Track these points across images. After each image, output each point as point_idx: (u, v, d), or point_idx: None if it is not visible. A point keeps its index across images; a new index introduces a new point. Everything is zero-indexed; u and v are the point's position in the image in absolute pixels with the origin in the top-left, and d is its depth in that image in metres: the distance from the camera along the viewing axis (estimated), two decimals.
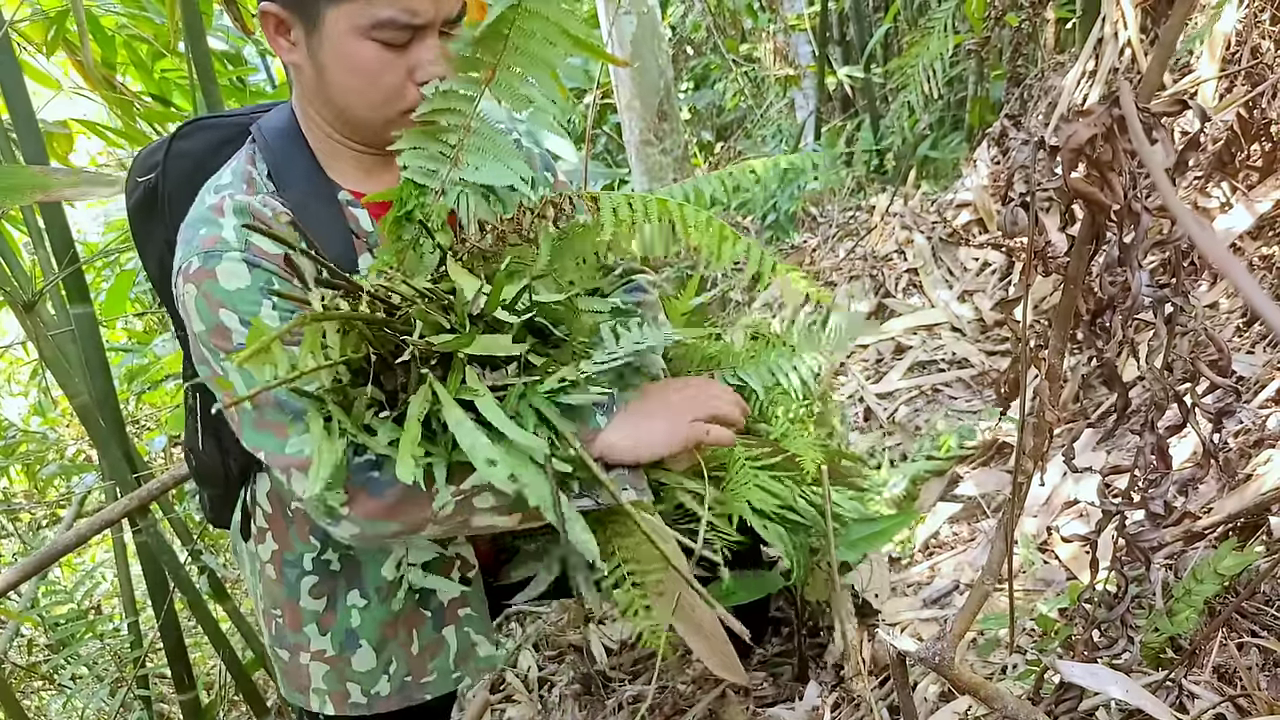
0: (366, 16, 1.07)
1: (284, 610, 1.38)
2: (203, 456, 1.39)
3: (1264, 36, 2.39)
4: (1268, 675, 1.34)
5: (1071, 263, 0.89)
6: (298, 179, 1.20)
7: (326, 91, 1.16)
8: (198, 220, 1.17)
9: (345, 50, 1.09)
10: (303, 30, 1.11)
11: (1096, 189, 0.72)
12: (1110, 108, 0.66)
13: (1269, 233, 2.32)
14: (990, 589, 1.14)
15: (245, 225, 1.08)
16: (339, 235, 1.20)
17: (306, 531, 1.32)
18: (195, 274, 1.12)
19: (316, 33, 1.09)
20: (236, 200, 1.16)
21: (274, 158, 1.21)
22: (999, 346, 3.07)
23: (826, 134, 5.64)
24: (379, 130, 1.19)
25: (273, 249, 1.13)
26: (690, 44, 7.44)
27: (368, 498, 1.15)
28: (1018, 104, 3.86)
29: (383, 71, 1.11)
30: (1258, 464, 1.73)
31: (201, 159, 1.30)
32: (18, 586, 2.38)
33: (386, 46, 1.09)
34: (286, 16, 1.10)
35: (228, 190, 1.18)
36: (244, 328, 1.11)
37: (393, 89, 1.13)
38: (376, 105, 1.15)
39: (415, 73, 1.13)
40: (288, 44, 1.13)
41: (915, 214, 3.90)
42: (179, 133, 1.35)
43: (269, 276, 1.12)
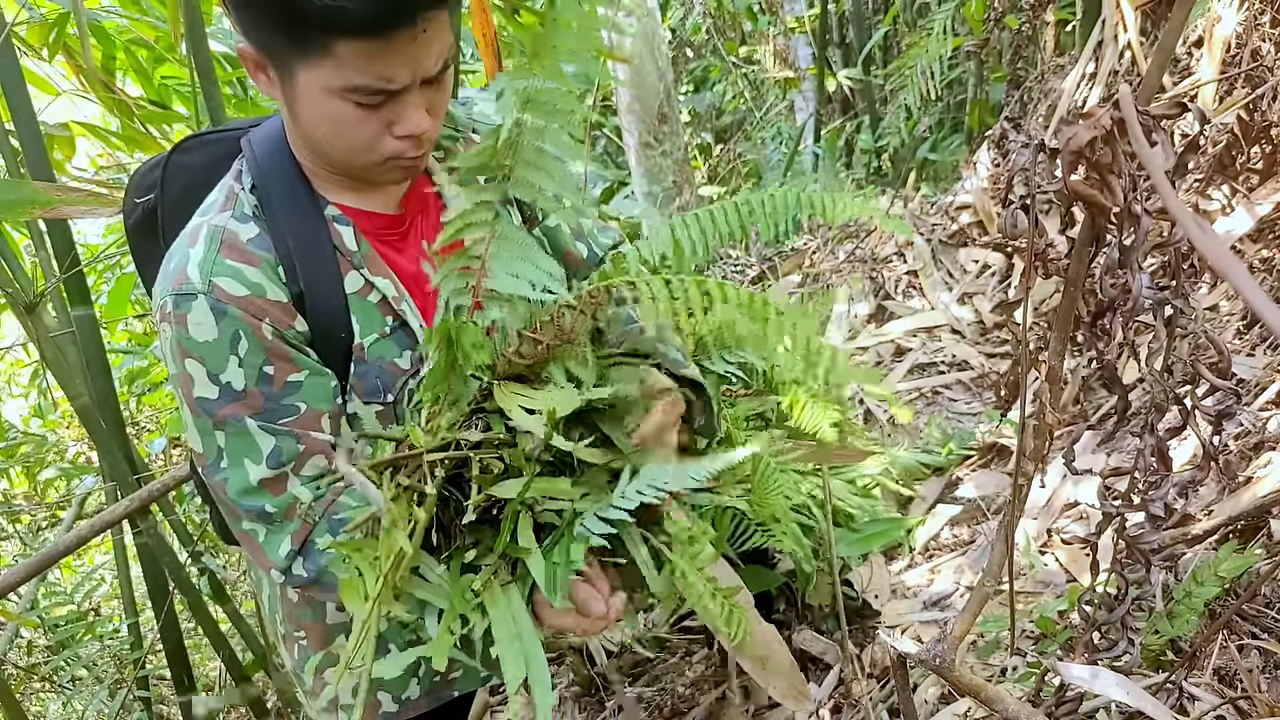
0: (338, 80, 1.03)
1: (309, 632, 1.37)
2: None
3: (1264, 39, 2.39)
4: (1268, 677, 1.34)
5: (1072, 265, 0.89)
6: (282, 194, 1.17)
7: (301, 132, 1.14)
8: (176, 248, 1.15)
9: (319, 105, 1.07)
10: (277, 75, 1.08)
11: (1097, 191, 0.72)
12: (1110, 110, 0.66)
13: (1269, 235, 2.33)
14: (991, 591, 1.14)
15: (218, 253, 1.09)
16: (324, 254, 1.17)
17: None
18: (170, 316, 1.10)
19: (290, 84, 1.07)
20: (212, 225, 1.14)
21: (259, 171, 1.18)
22: (999, 349, 3.07)
23: (826, 136, 5.65)
24: (358, 171, 1.17)
25: (238, 291, 1.11)
26: (690, 46, 7.45)
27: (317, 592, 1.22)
28: (1017, 106, 3.87)
29: (358, 126, 1.08)
30: (1258, 467, 1.73)
31: (200, 174, 1.27)
32: (18, 588, 2.38)
33: (362, 105, 1.06)
34: (261, 59, 1.07)
35: (210, 212, 1.16)
36: (209, 383, 1.10)
37: (369, 141, 1.10)
38: (354, 152, 1.12)
39: (394, 127, 1.10)
40: (266, 81, 1.10)
41: (915, 216, 3.90)
42: (179, 146, 1.32)
43: (236, 329, 1.10)
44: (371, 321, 1.20)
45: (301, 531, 1.16)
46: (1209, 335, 0.83)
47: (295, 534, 1.15)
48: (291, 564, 1.16)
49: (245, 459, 1.12)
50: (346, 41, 0.99)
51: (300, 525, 1.16)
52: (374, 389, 1.21)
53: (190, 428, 1.14)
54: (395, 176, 1.20)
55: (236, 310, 1.09)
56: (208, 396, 1.11)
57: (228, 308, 1.09)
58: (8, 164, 2.14)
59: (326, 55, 1.01)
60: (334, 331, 1.17)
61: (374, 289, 1.20)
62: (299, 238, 1.15)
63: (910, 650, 1.08)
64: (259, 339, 1.11)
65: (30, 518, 4.11)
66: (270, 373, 1.12)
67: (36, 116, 2.04)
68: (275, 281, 1.13)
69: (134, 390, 4.16)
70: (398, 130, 1.09)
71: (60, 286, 2.14)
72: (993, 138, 3.73)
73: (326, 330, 1.16)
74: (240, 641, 2.73)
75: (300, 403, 1.14)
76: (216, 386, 1.10)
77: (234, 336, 1.09)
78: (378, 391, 1.22)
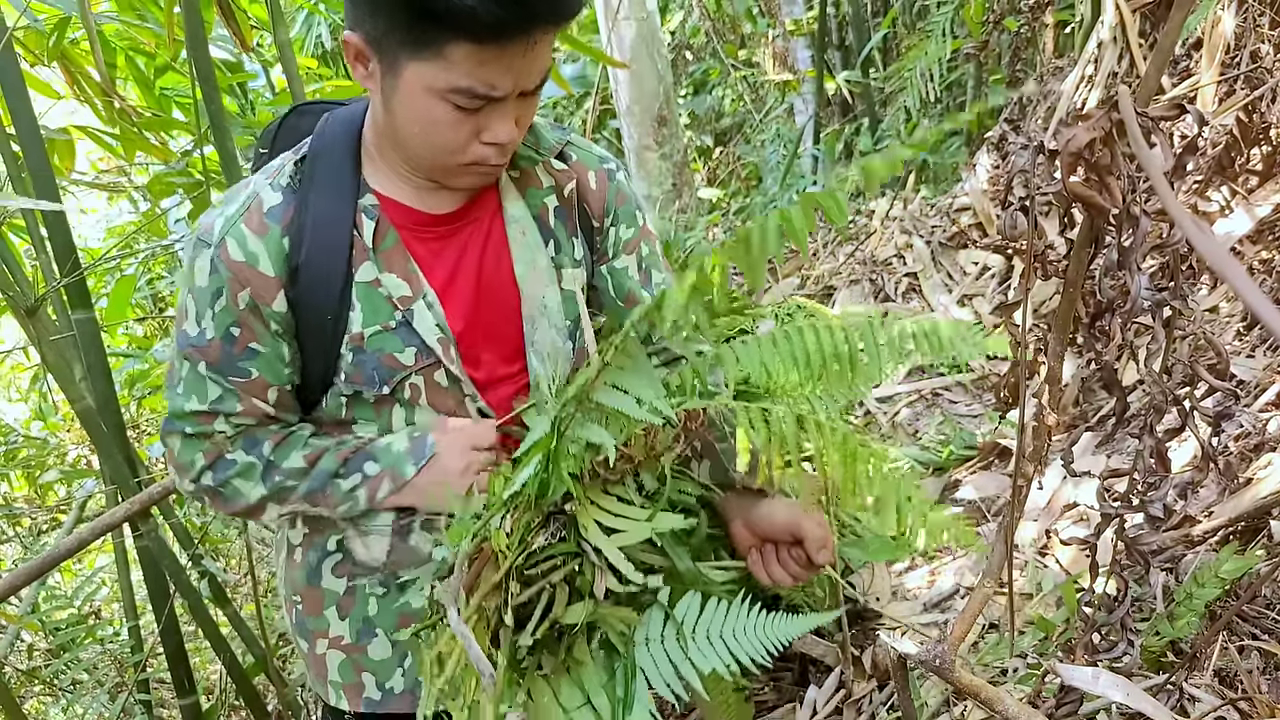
0: (444, 81, 1.06)
1: (304, 596, 1.40)
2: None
3: (1263, 41, 2.40)
4: (1269, 678, 1.34)
5: (1070, 266, 0.89)
6: (326, 173, 1.23)
7: (390, 127, 1.17)
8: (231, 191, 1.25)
9: (417, 103, 1.10)
10: (380, 68, 1.11)
11: (1095, 193, 0.72)
12: (1109, 112, 0.67)
13: (1269, 236, 2.33)
14: (991, 592, 1.14)
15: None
16: (338, 238, 1.20)
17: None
18: (189, 251, 1.21)
19: (392, 77, 1.10)
20: (250, 188, 1.22)
21: (316, 147, 1.24)
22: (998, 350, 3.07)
23: (825, 139, 5.65)
24: (435, 171, 1.21)
25: (236, 255, 1.18)
26: (689, 49, 7.46)
27: (218, 504, 1.32)
28: (1016, 108, 3.87)
29: (451, 129, 1.12)
30: (1257, 468, 1.73)
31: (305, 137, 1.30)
32: (18, 591, 2.38)
33: (460, 109, 1.09)
34: (367, 49, 1.10)
35: (262, 175, 1.24)
36: (193, 319, 1.21)
37: (458, 145, 1.14)
38: (438, 154, 1.16)
39: (483, 134, 1.13)
40: (364, 72, 1.14)
41: (915, 218, 3.90)
42: (296, 109, 1.41)
43: (220, 285, 1.19)
44: (377, 313, 1.23)
45: (213, 451, 1.27)
46: (1207, 336, 0.83)
47: (207, 452, 1.27)
48: (201, 475, 1.28)
49: (192, 393, 1.24)
50: (463, 44, 1.04)
51: (212, 447, 1.27)
52: (370, 379, 1.25)
53: (171, 347, 1.26)
54: (470, 181, 1.23)
55: (227, 272, 1.18)
56: (186, 331, 1.21)
57: (221, 266, 1.18)
58: (9, 168, 2.14)
59: (439, 55, 1.05)
60: (321, 312, 1.22)
61: (383, 284, 1.22)
62: (320, 216, 1.20)
63: (911, 651, 1.08)
64: (233, 303, 1.20)
65: (31, 521, 4.11)
66: (235, 334, 1.21)
67: (38, 121, 2.04)
68: (272, 254, 1.19)
69: (134, 394, 4.16)
70: (486, 137, 1.14)
71: (61, 289, 2.14)
72: (992, 140, 3.74)
73: (313, 309, 1.22)
74: (241, 644, 2.73)
75: (253, 369, 1.24)
76: (197, 327, 1.21)
77: (216, 292, 1.19)
78: (374, 382, 1.25)
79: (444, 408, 1.30)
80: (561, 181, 1.35)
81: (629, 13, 4.75)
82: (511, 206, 1.31)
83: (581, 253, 1.37)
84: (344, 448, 1.29)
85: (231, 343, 1.21)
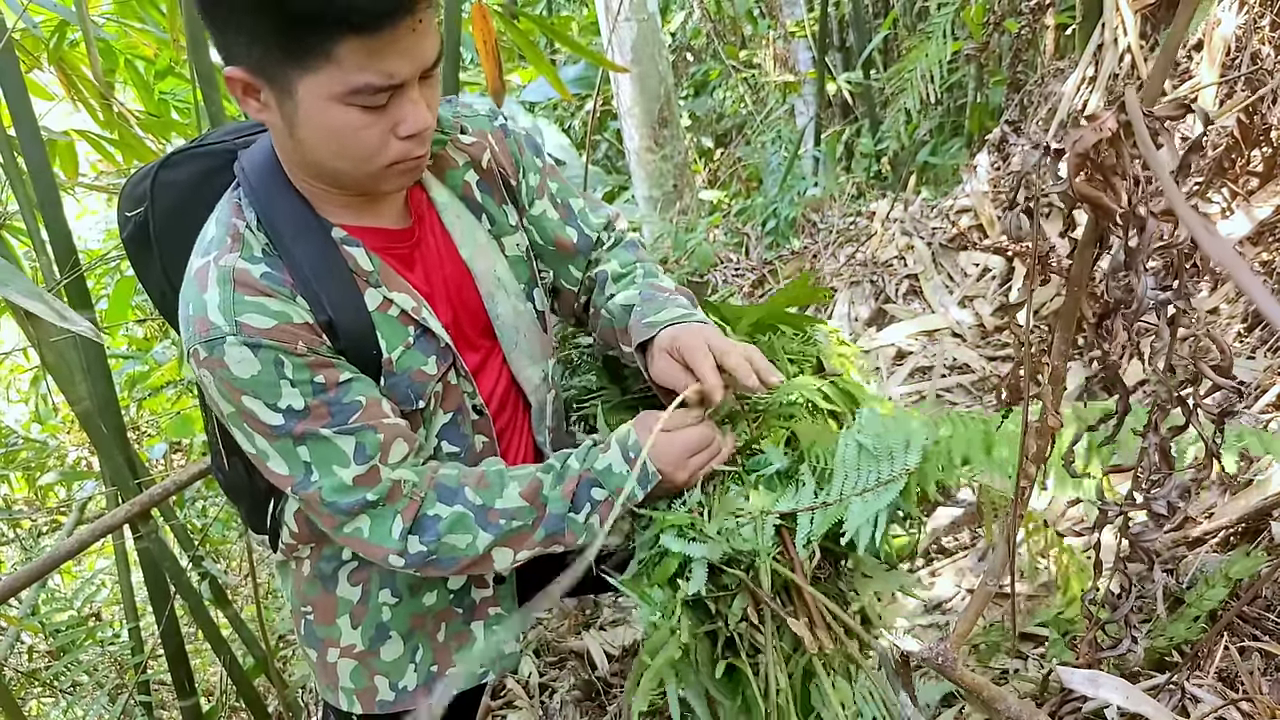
0: (342, 84, 1.02)
1: (315, 606, 1.39)
2: (230, 476, 1.40)
3: (1264, 42, 2.40)
4: (1270, 679, 1.34)
5: (1074, 267, 0.89)
6: (290, 226, 1.17)
7: (302, 151, 1.13)
8: (187, 292, 1.14)
9: (322, 116, 1.06)
10: (273, 95, 1.07)
11: (1102, 193, 0.72)
12: (1116, 112, 0.67)
13: (1269, 238, 2.33)
14: (992, 592, 1.14)
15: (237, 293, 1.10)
16: (341, 278, 1.17)
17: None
18: (206, 362, 1.11)
19: (289, 99, 1.06)
20: (221, 266, 1.12)
21: (260, 202, 1.17)
22: (999, 352, 3.07)
23: (826, 140, 5.66)
24: (363, 183, 1.17)
25: (265, 323, 1.11)
26: (690, 50, 7.46)
27: (433, 569, 1.23)
28: (1017, 110, 3.87)
29: (363, 132, 1.08)
30: (1259, 469, 1.73)
31: (187, 190, 1.27)
32: (19, 593, 2.38)
33: (366, 109, 1.06)
34: (253, 80, 1.06)
35: (213, 252, 1.14)
36: (271, 412, 1.12)
37: (375, 147, 1.10)
38: (360, 162, 1.12)
39: (398, 128, 1.10)
40: (258, 105, 1.09)
41: (915, 219, 3.90)
42: (166, 162, 1.31)
43: (275, 355, 1.11)
44: (396, 335, 1.22)
45: (410, 508, 1.19)
46: (1211, 334, 0.83)
47: (404, 511, 1.18)
48: (406, 543, 1.19)
49: (333, 465, 1.15)
50: (349, 40, 1.00)
51: (408, 503, 1.19)
52: (405, 397, 1.23)
53: (271, 455, 1.15)
54: (400, 182, 1.20)
55: (271, 342, 1.11)
56: (276, 423, 1.13)
57: (260, 340, 1.10)
58: (9, 171, 2.14)
59: (328, 59, 1.01)
60: (365, 350, 1.19)
61: (393, 304, 1.22)
62: (315, 266, 1.16)
63: (912, 649, 1.08)
64: (298, 357, 1.12)
65: (31, 523, 4.11)
66: (322, 381, 1.14)
67: (39, 124, 2.04)
68: (298, 309, 1.14)
69: (134, 395, 4.16)
70: (402, 130, 1.10)
71: (61, 290, 2.14)
72: (993, 141, 3.74)
73: (357, 350, 1.18)
74: (241, 646, 2.73)
75: (359, 396, 1.16)
76: (279, 413, 1.12)
77: (276, 363, 1.11)
78: (409, 399, 1.24)
79: (450, 407, 1.31)
80: (475, 154, 1.33)
81: (630, 14, 4.75)
82: (437, 194, 1.30)
83: (515, 218, 1.38)
84: (563, 479, 1.25)
85: (324, 391, 1.14)
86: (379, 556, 1.20)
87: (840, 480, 1.22)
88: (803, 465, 1.28)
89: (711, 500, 1.28)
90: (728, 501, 1.26)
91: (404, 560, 1.20)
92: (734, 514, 1.23)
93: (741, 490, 1.28)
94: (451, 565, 1.22)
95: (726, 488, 1.30)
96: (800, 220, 4.56)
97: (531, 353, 1.40)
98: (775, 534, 1.20)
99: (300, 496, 1.17)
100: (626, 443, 1.28)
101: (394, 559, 1.20)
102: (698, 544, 1.20)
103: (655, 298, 1.39)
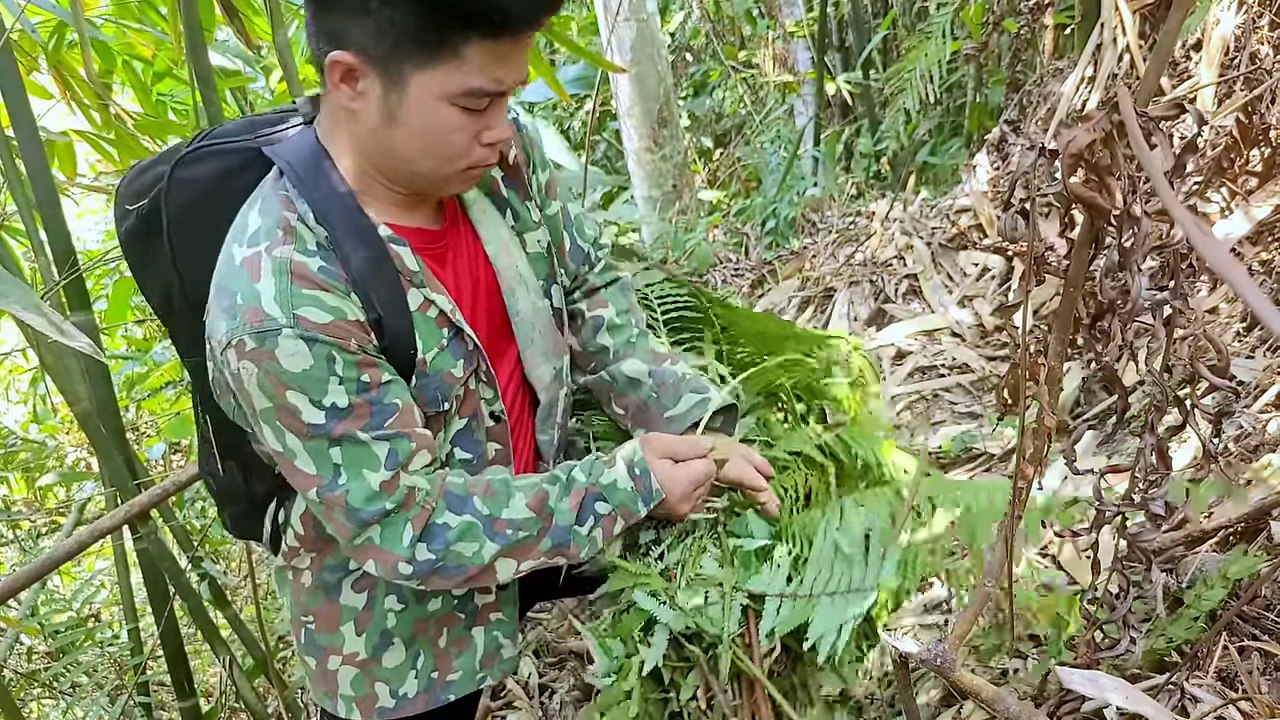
0: (457, 84, 1.06)
1: (317, 615, 1.38)
2: (223, 479, 1.39)
3: (1263, 42, 2.40)
4: (1269, 679, 1.34)
5: (1071, 267, 0.89)
6: (345, 224, 1.17)
7: (390, 143, 1.14)
8: (232, 282, 1.12)
9: (426, 112, 1.09)
10: (379, 85, 1.08)
11: (1096, 194, 0.72)
12: (1110, 113, 0.67)
13: (1268, 238, 2.33)
14: (991, 592, 1.14)
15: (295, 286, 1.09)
16: (389, 277, 1.18)
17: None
18: (251, 354, 1.09)
19: (397, 91, 1.08)
20: (277, 258, 1.11)
21: (313, 196, 1.16)
22: (999, 352, 3.07)
23: (825, 140, 5.66)
24: (432, 183, 1.19)
25: (322, 318, 1.10)
26: (689, 51, 7.46)
27: (438, 580, 1.22)
28: (1016, 110, 3.87)
29: (456, 134, 1.12)
30: (1258, 469, 1.73)
31: (207, 187, 1.25)
32: (18, 594, 2.38)
33: (466, 111, 1.10)
34: (361, 67, 1.07)
35: (262, 244, 1.12)
36: (314, 409, 1.11)
37: (462, 150, 1.14)
38: (442, 162, 1.15)
39: (484, 135, 1.14)
40: (352, 92, 1.10)
41: (915, 220, 3.90)
42: (181, 159, 1.28)
43: (329, 351, 1.10)
44: (432, 336, 1.22)
45: (421, 516, 1.19)
46: (1208, 335, 0.83)
47: (415, 519, 1.18)
48: (415, 550, 1.18)
49: (364, 469, 1.15)
50: (481, 42, 1.04)
51: (419, 510, 1.19)
52: (433, 399, 1.24)
53: (300, 454, 1.14)
54: (462, 188, 1.25)
55: (324, 336, 1.10)
56: (317, 422, 1.12)
57: (317, 335, 1.09)
58: (8, 171, 2.14)
59: (454, 57, 1.05)
60: (404, 350, 1.19)
61: (433, 305, 1.22)
62: (366, 265, 1.16)
63: (911, 650, 1.08)
64: (350, 354, 1.12)
65: (30, 524, 4.11)
66: (367, 380, 1.14)
67: (37, 123, 2.04)
68: (352, 305, 1.14)
69: (133, 396, 4.16)
70: (487, 137, 1.14)
71: (60, 291, 2.14)
72: (992, 141, 3.74)
73: (397, 350, 1.18)
74: (241, 647, 2.73)
75: (397, 399, 1.17)
76: (322, 410, 1.12)
77: (329, 359, 1.11)
78: (436, 401, 1.24)
79: (466, 413, 1.31)
80: (503, 151, 1.34)
81: (629, 14, 4.75)
82: (465, 192, 1.31)
83: (537, 214, 1.40)
84: (569, 490, 1.27)
85: (368, 390, 1.14)
86: (388, 564, 1.20)
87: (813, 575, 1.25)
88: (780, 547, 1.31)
89: (689, 555, 1.31)
90: (702, 565, 1.29)
91: (412, 569, 1.19)
92: (705, 583, 1.26)
93: (718, 555, 1.31)
94: (457, 575, 1.22)
95: (704, 547, 1.33)
96: (800, 220, 4.56)
97: (546, 350, 1.40)
98: (741, 613, 1.24)
99: (324, 499, 1.16)
100: (632, 460, 1.29)
101: (403, 566, 1.19)
102: (666, 610, 1.23)
103: (665, 382, 1.45)
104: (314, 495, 1.17)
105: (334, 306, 1.11)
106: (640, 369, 1.47)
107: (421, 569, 1.19)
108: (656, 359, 1.50)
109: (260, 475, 1.35)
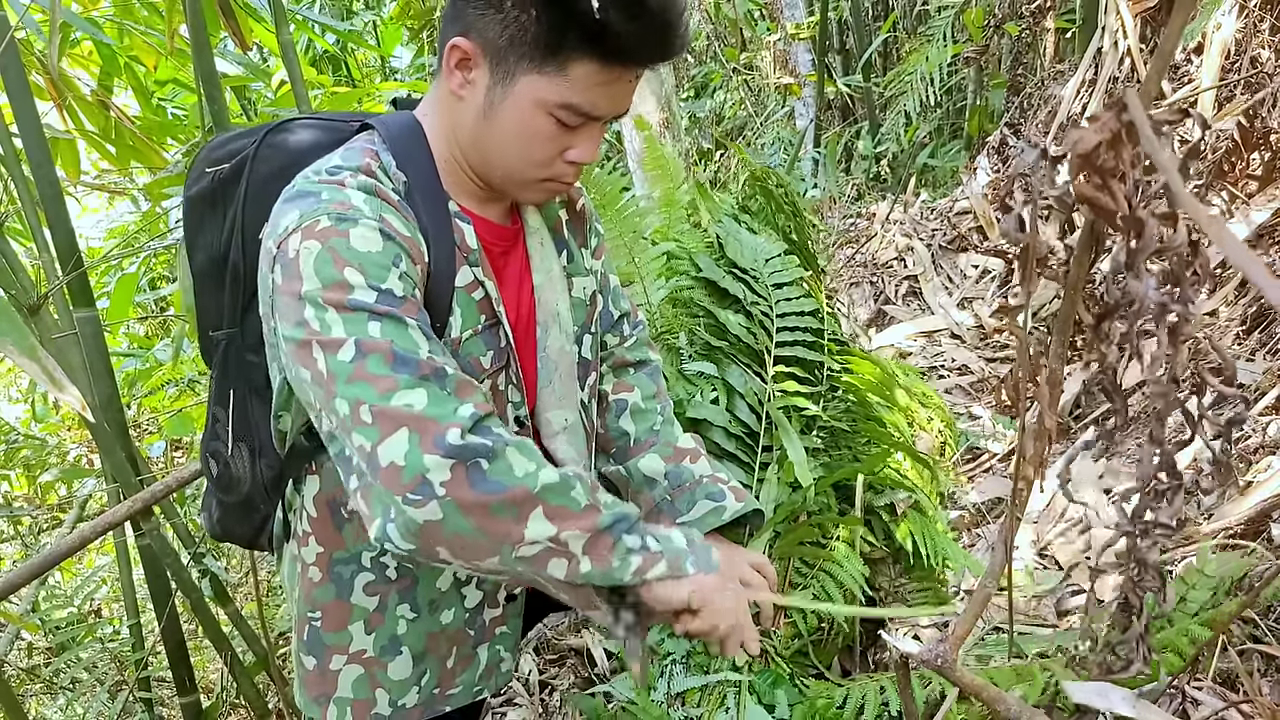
0: (557, 96, 1.10)
1: (326, 611, 1.36)
2: (229, 463, 1.38)
3: (1263, 46, 2.41)
4: (1270, 680, 1.35)
5: (1072, 269, 0.90)
6: (422, 183, 1.20)
7: (483, 135, 1.17)
8: (311, 188, 1.10)
9: (523, 114, 1.12)
10: (489, 76, 1.12)
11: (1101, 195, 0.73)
12: (1118, 114, 0.67)
13: (1268, 241, 2.34)
14: (991, 593, 1.15)
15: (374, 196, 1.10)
16: (447, 245, 1.20)
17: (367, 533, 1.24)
18: (322, 231, 1.05)
19: (502, 86, 1.11)
20: (361, 179, 1.12)
21: (399, 151, 1.20)
22: (998, 353, 3.08)
23: (826, 142, 5.66)
24: (512, 183, 1.22)
25: (404, 231, 1.11)
26: (690, 52, 7.47)
27: (469, 486, 1.00)
28: (1017, 113, 3.88)
29: (546, 143, 1.15)
30: (1258, 471, 1.74)
31: (295, 154, 1.27)
32: (19, 589, 2.38)
33: (559, 124, 1.13)
34: (477, 56, 1.12)
35: (345, 173, 1.12)
36: (368, 289, 1.04)
37: (546, 159, 1.17)
38: (525, 167, 1.18)
39: (569, 152, 1.17)
40: (462, 79, 1.14)
41: (915, 221, 3.91)
42: (278, 126, 1.31)
43: (400, 251, 1.09)
44: (470, 317, 1.22)
45: (481, 406, 1.05)
46: (1214, 344, 0.83)
47: (479, 402, 1.05)
48: (475, 425, 1.02)
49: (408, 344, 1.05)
50: (590, 63, 1.07)
51: (481, 396, 1.07)
52: None
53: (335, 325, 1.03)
54: (539, 197, 1.26)
55: (401, 242, 1.10)
56: (365, 300, 1.04)
57: (394, 235, 1.09)
58: (10, 170, 2.14)
59: (561, 70, 1.08)
60: (439, 314, 1.18)
61: (480, 287, 1.23)
62: (431, 225, 1.18)
63: (912, 650, 1.09)
64: (411, 269, 1.10)
65: (31, 520, 4.12)
66: (417, 298, 1.10)
67: (41, 121, 2.04)
68: (420, 246, 1.14)
69: (135, 394, 4.16)
70: (571, 155, 1.17)
71: (63, 288, 2.14)
72: (992, 144, 3.75)
73: (435, 311, 1.18)
74: (242, 643, 2.73)
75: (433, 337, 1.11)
76: (375, 291, 1.05)
77: (396, 256, 1.08)
78: None
79: (496, 413, 1.29)
80: (574, 195, 1.40)
81: None
82: (530, 218, 1.34)
83: (591, 263, 1.43)
84: (622, 507, 1.14)
85: (419, 308, 1.10)
86: (428, 435, 1.00)
87: None
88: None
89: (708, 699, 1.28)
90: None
91: (460, 438, 1.00)
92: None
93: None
94: (494, 487, 1.01)
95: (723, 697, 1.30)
96: None
97: (560, 395, 1.37)
98: None
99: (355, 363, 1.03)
100: (692, 533, 1.21)
101: (451, 434, 1.00)
102: None
103: (682, 484, 1.42)
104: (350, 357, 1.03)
105: (411, 233, 1.13)
106: (657, 468, 1.43)
107: (471, 449, 1.00)
108: (677, 455, 1.45)
109: (270, 459, 1.35)
